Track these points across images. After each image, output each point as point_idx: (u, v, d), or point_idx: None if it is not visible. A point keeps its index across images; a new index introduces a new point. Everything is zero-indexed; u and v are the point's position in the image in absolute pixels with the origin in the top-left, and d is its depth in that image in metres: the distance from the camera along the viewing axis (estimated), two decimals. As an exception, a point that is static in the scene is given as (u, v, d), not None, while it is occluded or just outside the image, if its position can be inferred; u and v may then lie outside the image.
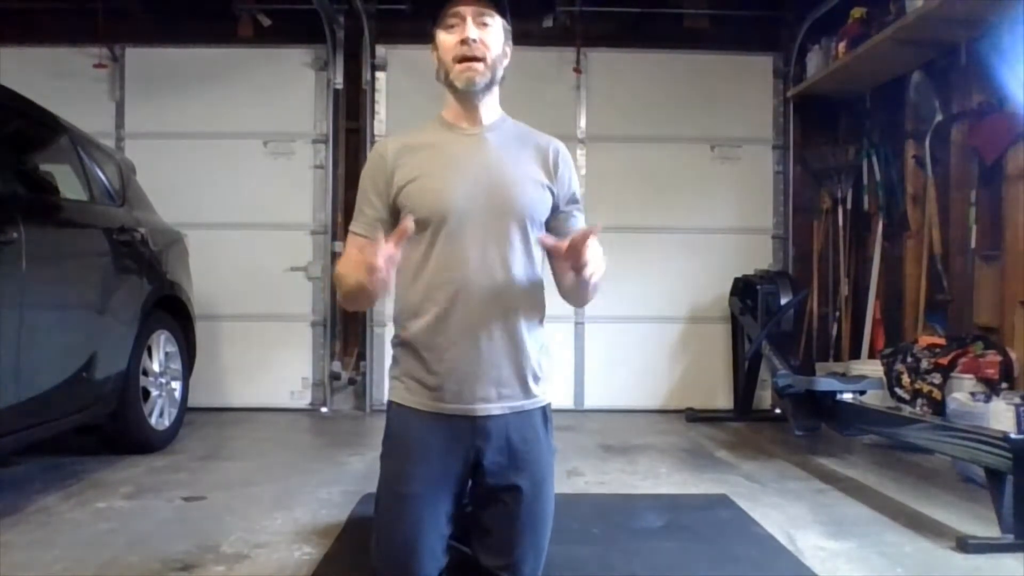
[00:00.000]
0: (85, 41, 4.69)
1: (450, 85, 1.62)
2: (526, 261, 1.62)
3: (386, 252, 1.36)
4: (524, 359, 1.62)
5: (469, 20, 1.56)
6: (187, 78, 4.79)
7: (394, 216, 1.63)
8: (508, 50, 1.66)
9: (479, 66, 1.57)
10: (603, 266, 1.47)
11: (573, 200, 1.72)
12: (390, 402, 1.67)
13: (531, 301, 1.64)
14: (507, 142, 1.67)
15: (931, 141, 3.86)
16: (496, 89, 1.66)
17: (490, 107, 1.67)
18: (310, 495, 2.75)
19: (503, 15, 1.62)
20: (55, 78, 4.64)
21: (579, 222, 1.71)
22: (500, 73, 1.64)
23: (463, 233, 1.57)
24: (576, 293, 1.64)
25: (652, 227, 4.88)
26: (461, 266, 1.55)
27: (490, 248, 1.58)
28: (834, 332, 4.72)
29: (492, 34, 1.59)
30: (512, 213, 1.59)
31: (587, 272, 1.44)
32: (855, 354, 4.47)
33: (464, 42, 1.56)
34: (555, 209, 1.68)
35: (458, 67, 1.58)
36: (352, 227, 1.68)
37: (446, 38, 1.59)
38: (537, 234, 1.63)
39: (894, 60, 3.98)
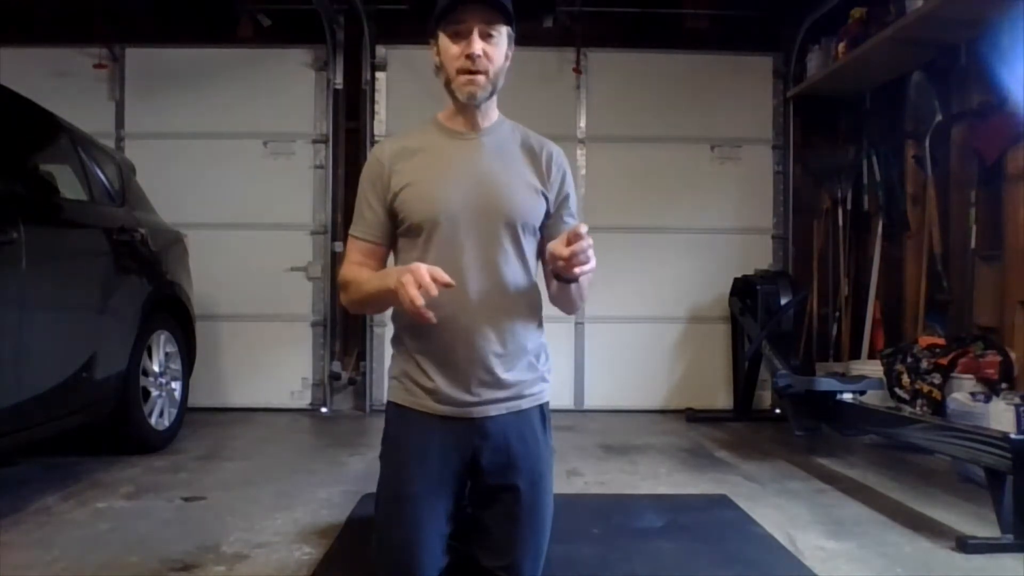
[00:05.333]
0: (85, 41, 4.70)
1: (451, 93, 1.62)
2: (520, 265, 1.63)
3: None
4: (521, 361, 1.63)
5: (476, 34, 1.54)
6: (187, 78, 4.79)
7: (393, 219, 1.63)
8: (511, 53, 1.65)
9: (481, 79, 1.56)
10: (594, 262, 1.43)
11: (566, 204, 1.70)
12: (389, 402, 1.68)
13: (526, 304, 1.64)
14: (503, 146, 1.66)
15: (931, 141, 3.85)
16: (495, 95, 1.66)
17: (488, 111, 1.67)
18: (310, 495, 2.75)
19: (509, 24, 1.60)
20: (55, 78, 4.64)
21: (582, 225, 1.70)
22: (501, 82, 1.63)
23: (457, 238, 1.57)
24: (564, 298, 1.63)
25: (652, 227, 4.88)
26: (456, 270, 1.55)
27: (484, 253, 1.58)
28: (834, 332, 4.72)
29: (497, 46, 1.57)
30: (504, 218, 1.60)
31: (578, 271, 1.42)
32: (855, 354, 4.47)
33: (469, 57, 1.54)
34: (548, 214, 1.68)
35: (460, 79, 1.57)
36: (352, 231, 1.68)
37: (450, 47, 1.56)
38: (531, 238, 1.65)
39: (894, 60, 3.98)
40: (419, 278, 1.38)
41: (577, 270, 1.41)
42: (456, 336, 1.57)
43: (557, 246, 1.42)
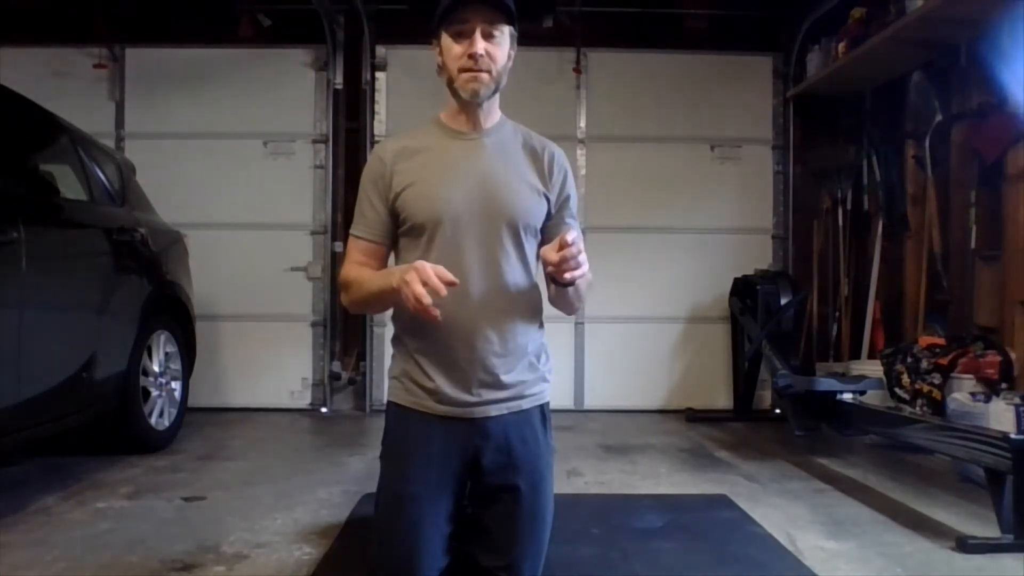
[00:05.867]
0: (85, 41, 4.70)
1: (454, 92, 1.62)
2: (521, 266, 1.63)
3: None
4: (522, 362, 1.63)
5: (478, 33, 1.53)
6: (187, 78, 4.79)
7: (394, 219, 1.63)
8: (512, 53, 1.65)
9: (484, 77, 1.56)
10: (585, 267, 1.45)
11: (567, 206, 1.70)
12: (389, 402, 1.67)
13: (527, 304, 1.64)
14: (504, 147, 1.66)
15: (931, 141, 3.85)
16: (497, 94, 1.66)
17: (490, 111, 1.66)
18: (310, 495, 2.75)
19: (512, 23, 1.60)
20: (55, 78, 4.64)
21: (571, 232, 1.70)
22: (504, 81, 1.63)
23: (458, 238, 1.57)
24: (562, 301, 1.63)
25: (652, 227, 4.89)
26: (457, 271, 1.54)
27: (485, 253, 1.58)
28: (834, 332, 4.72)
29: (500, 45, 1.57)
30: (506, 219, 1.59)
31: (568, 276, 1.43)
32: (855, 354, 4.47)
33: (472, 56, 1.54)
34: (549, 215, 1.68)
35: (463, 76, 1.57)
36: (353, 230, 1.67)
37: (453, 46, 1.56)
38: (532, 239, 1.65)
39: (894, 60, 3.98)
40: (424, 276, 1.38)
41: (568, 275, 1.43)
42: (457, 336, 1.56)
43: (548, 251, 1.44)
